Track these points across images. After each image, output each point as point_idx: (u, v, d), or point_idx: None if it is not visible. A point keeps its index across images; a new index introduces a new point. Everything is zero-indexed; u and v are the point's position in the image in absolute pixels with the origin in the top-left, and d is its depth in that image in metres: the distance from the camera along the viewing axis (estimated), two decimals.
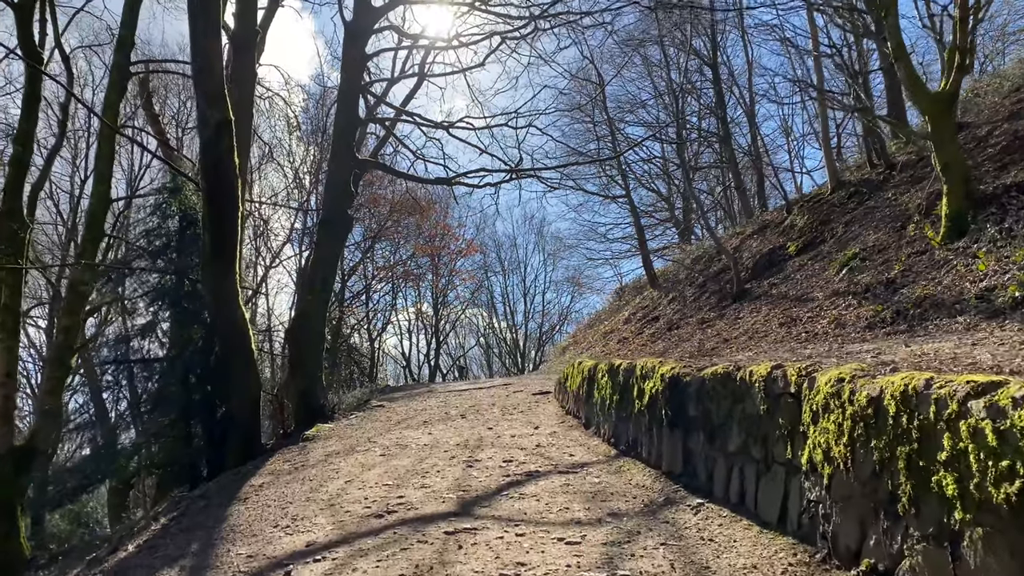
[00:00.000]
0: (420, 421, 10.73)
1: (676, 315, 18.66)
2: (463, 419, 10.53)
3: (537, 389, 14.03)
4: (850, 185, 17.72)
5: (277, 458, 9.23)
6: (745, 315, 14.64)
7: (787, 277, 15.58)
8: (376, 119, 15.37)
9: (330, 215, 13.26)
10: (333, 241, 13.22)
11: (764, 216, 21.73)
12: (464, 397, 14.20)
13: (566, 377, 10.47)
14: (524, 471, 6.49)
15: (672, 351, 14.91)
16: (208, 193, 10.00)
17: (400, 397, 16.78)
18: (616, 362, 7.35)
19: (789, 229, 18.23)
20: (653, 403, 6.01)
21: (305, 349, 12.61)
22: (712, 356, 12.60)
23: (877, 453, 3.22)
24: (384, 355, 41.57)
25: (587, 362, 9.00)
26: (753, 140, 25.87)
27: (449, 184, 15.10)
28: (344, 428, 10.82)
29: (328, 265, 13.14)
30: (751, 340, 12.30)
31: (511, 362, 43.24)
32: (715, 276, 19.23)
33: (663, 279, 24.34)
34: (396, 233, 34.19)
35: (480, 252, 40.90)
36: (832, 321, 11.19)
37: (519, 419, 10.00)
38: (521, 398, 12.64)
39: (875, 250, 13.28)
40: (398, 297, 39.11)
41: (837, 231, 15.85)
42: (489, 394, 14.35)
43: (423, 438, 9.05)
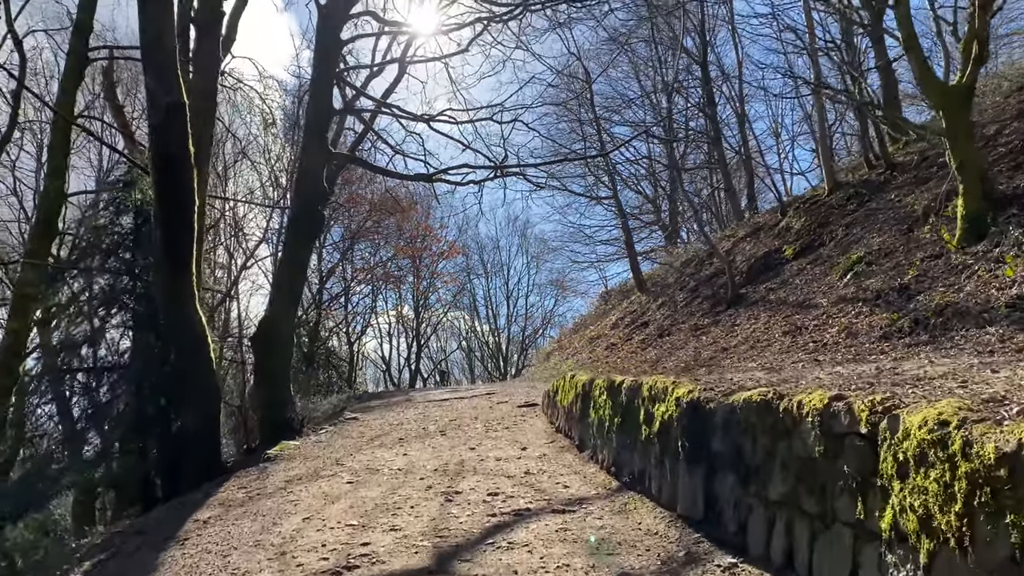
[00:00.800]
0: (395, 438, 9.70)
1: (667, 321, 17.77)
2: (442, 436, 9.52)
3: (523, 400, 13.03)
4: (848, 186, 16.95)
5: (232, 483, 8.16)
6: (743, 322, 13.77)
7: (785, 282, 14.75)
8: (353, 110, 14.31)
9: (300, 212, 12.20)
10: (303, 240, 12.15)
11: (756, 218, 20.93)
12: (445, 408, 13.18)
13: (556, 390, 9.50)
14: (512, 508, 5.50)
15: (666, 360, 13.99)
16: (159, 184, 8.92)
17: (376, 406, 15.72)
18: (617, 378, 6.39)
19: (784, 232, 17.42)
20: (665, 431, 5.05)
21: (272, 357, 11.52)
22: (711, 366, 11.69)
23: (1018, 533, 2.28)
24: (364, 359, 40.43)
25: (581, 376, 8.03)
26: (743, 140, 25.09)
27: (430, 181, 14.09)
28: (312, 446, 9.76)
29: (298, 266, 12.07)
30: (752, 350, 11.41)
31: (493, 366, 42.24)
32: (707, 280, 18.37)
33: (651, 283, 23.47)
34: (376, 234, 33.09)
35: (462, 254, 39.92)
36: (842, 330, 10.32)
37: (504, 437, 9.01)
38: (506, 411, 11.65)
39: (881, 254, 12.46)
40: (378, 300, 37.99)
41: (837, 234, 15.05)
42: (471, 405, 13.34)
43: (397, 460, 8.03)
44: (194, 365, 9.91)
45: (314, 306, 33.42)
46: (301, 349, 32.86)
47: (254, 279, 40.61)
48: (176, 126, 8.56)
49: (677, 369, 12.49)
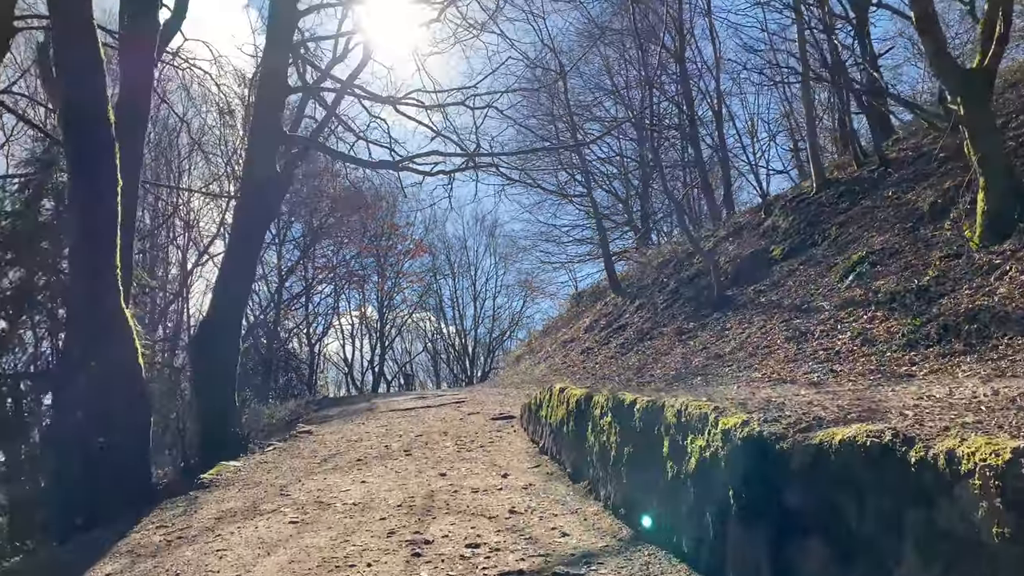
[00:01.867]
0: (353, 459, 8.28)
1: (647, 324, 16.61)
2: (408, 457, 8.13)
3: (497, 411, 11.71)
4: (838, 184, 16.00)
5: (153, 519, 6.66)
6: (733, 326, 12.64)
7: (776, 284, 13.68)
8: (310, 88, 12.81)
9: (249, 199, 10.71)
10: (250, 231, 10.65)
11: (737, 218, 19.92)
12: (410, 420, 11.79)
13: (539, 404, 8.20)
14: (499, 571, 4.17)
15: (652, 367, 12.79)
16: (72, 158, 7.41)
17: (335, 416, 14.24)
18: (627, 397, 5.10)
19: (771, 231, 16.40)
20: (706, 473, 3.78)
21: (213, 364, 10.00)
22: (706, 375, 10.49)
23: None
24: (325, 361, 38.65)
25: (573, 390, 6.72)
26: (720, 138, 24.17)
27: (396, 169, 12.68)
28: (255, 467, 8.29)
29: (245, 259, 10.56)
30: (753, 357, 10.25)
31: (459, 369, 40.78)
32: (689, 281, 17.26)
33: (625, 284, 22.33)
34: (339, 231, 31.42)
35: (429, 253, 38.37)
36: (856, 336, 9.20)
37: (480, 459, 7.67)
38: (479, 424, 10.32)
39: (886, 254, 11.43)
40: (341, 300, 36.27)
41: (830, 233, 14.04)
42: (439, 416, 11.98)
43: (354, 490, 6.63)
44: (119, 372, 8.38)
45: (273, 306, 31.62)
46: (259, 351, 31.09)
47: (210, 277, 38.44)
48: (91, 86, 7.06)
49: (667, 377, 11.29)
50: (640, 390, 10.66)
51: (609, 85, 28.67)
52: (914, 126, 17.65)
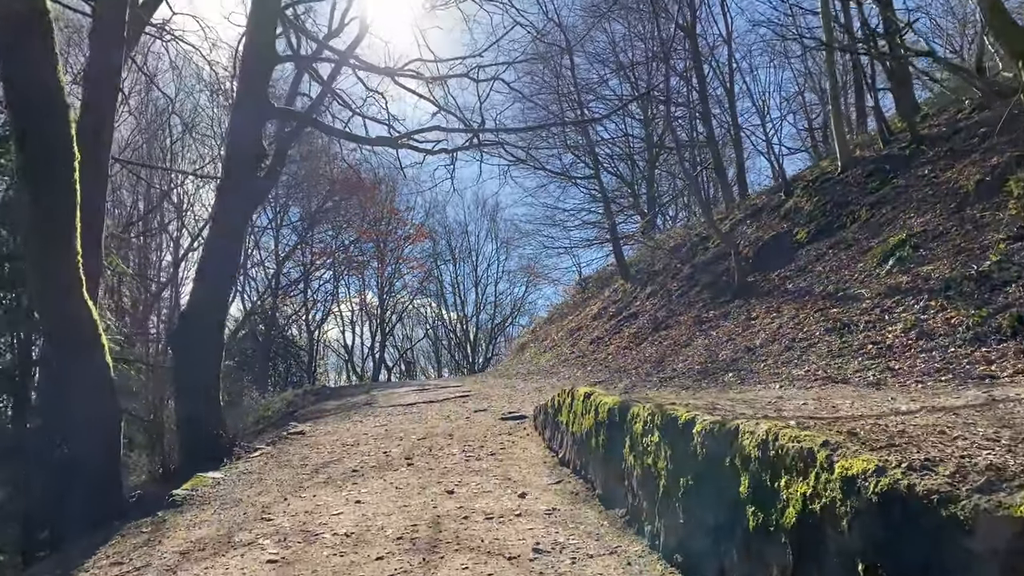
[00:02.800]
0: (347, 469, 7.25)
1: (661, 312, 15.56)
2: (409, 467, 7.11)
3: (506, 408, 10.69)
4: (865, 162, 14.92)
5: (110, 550, 5.62)
6: (760, 315, 11.60)
7: (804, 269, 12.64)
8: (302, 58, 11.64)
9: (231, 179, 9.61)
10: (234, 214, 9.55)
11: (753, 200, 18.81)
12: (412, 418, 10.77)
13: (556, 407, 7.17)
14: None
15: (672, 359, 11.74)
16: (17, 130, 6.34)
17: (331, 411, 13.22)
18: (680, 412, 4.05)
19: (793, 213, 15.32)
20: (816, 531, 2.75)
21: (192, 360, 8.96)
22: (739, 371, 9.44)
23: None
24: (325, 348, 37.67)
25: (602, 396, 5.66)
26: (733, 115, 23.01)
27: (395, 146, 11.56)
28: (236, 480, 7.26)
29: (227, 246, 9.47)
30: (789, 351, 9.20)
31: (461, 355, 39.83)
32: (705, 267, 16.18)
33: (635, 270, 21.27)
34: (337, 215, 30.30)
35: (430, 238, 37.25)
36: (909, 328, 8.17)
37: (492, 471, 6.65)
38: (487, 425, 9.30)
39: (929, 237, 10.38)
40: (340, 286, 35.22)
41: (860, 215, 12.98)
42: (443, 413, 10.95)
43: (347, 513, 5.61)
44: (82, 373, 7.35)
45: (270, 292, 30.55)
46: (257, 338, 30.06)
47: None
48: (35, 43, 5.96)
49: (692, 372, 10.25)
50: (662, 387, 9.58)
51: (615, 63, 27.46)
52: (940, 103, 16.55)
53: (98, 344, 7.48)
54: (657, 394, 6.31)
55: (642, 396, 5.55)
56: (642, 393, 9.30)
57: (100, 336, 7.51)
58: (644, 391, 9.97)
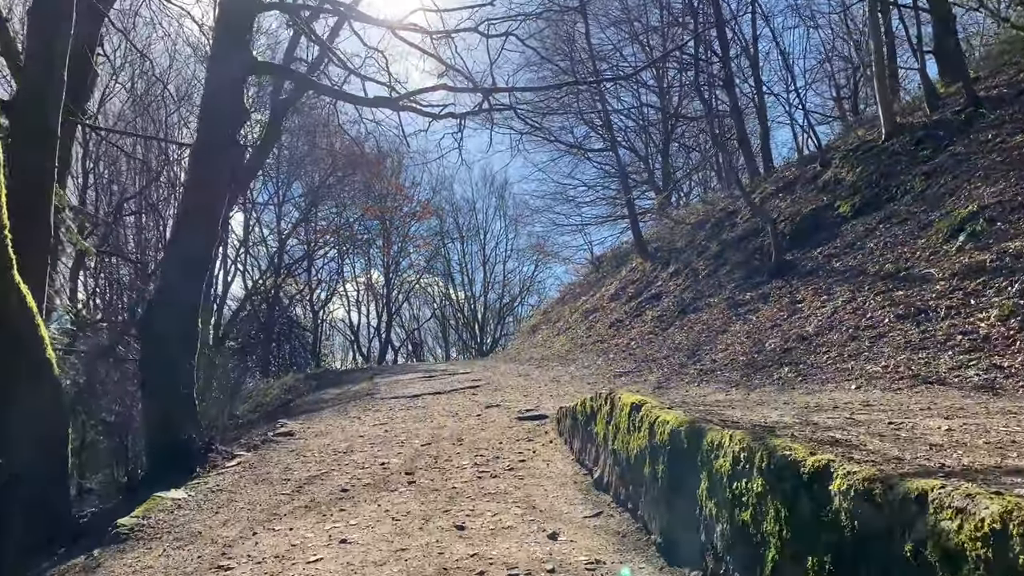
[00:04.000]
0: (336, 488, 5.93)
1: (688, 293, 14.14)
2: (410, 486, 5.78)
3: (522, 404, 9.35)
4: (913, 129, 13.40)
5: None
6: (807, 297, 10.19)
7: (852, 246, 11.20)
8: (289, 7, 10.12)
9: (207, 142, 8.22)
10: (210, 181, 8.16)
11: (782, 172, 17.27)
12: (415, 414, 9.44)
13: (588, 414, 5.80)
14: None
15: (709, 349, 10.32)
16: None
17: (329, 404, 11.93)
18: (798, 451, 2.67)
19: (832, 185, 13.82)
20: None
21: (163, 351, 7.63)
22: (796, 365, 7.98)
23: None
24: (331, 328, 36.45)
25: (661, 412, 4.23)
26: (757, 83, 21.35)
27: (396, 108, 10.09)
28: (200, 504, 5.92)
29: (201, 220, 8.08)
30: (855, 341, 7.77)
31: (469, 335, 38.54)
32: (735, 244, 14.72)
33: (653, 248, 19.81)
34: (341, 192, 28.86)
35: (436, 216, 35.77)
36: (1007, 315, 6.78)
37: (511, 495, 5.31)
38: (502, 425, 7.95)
39: (1008, 208, 8.96)
40: (345, 264, 33.87)
41: (913, 186, 11.52)
42: (451, 409, 9.62)
43: (327, 561, 4.27)
44: (15, 373, 6.05)
45: (272, 270, 29.21)
46: (258, 319, 28.80)
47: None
48: None
49: (736, 365, 8.82)
50: (703, 383, 8.11)
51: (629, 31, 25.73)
52: (991, 65, 14.98)
53: (35, 339, 6.16)
54: (716, 402, 4.91)
55: (716, 415, 4.15)
56: (681, 392, 7.91)
57: (37, 328, 6.18)
58: (682, 386, 8.59)
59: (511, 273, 39.39)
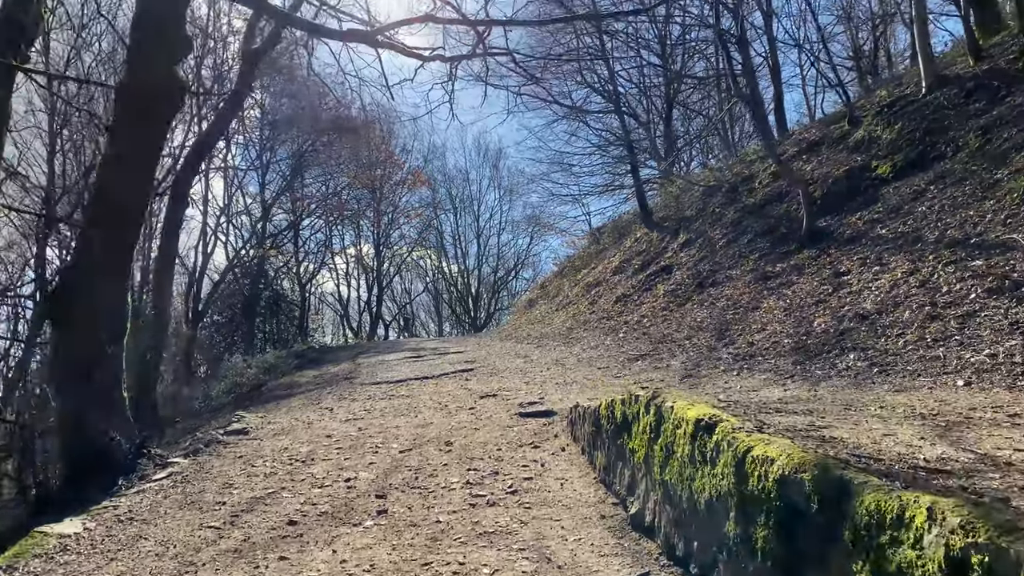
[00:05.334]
0: (282, 521, 4.38)
1: (704, 265, 12.58)
2: (380, 517, 4.25)
3: (523, 395, 7.82)
4: (961, 80, 11.82)
5: None
6: (852, 268, 8.62)
7: (898, 210, 9.66)
8: None
9: (138, 74, 6.56)
10: (142, 124, 6.52)
11: (804, 134, 15.63)
12: (398, 405, 7.90)
13: (617, 421, 4.27)
14: None
15: (740, 328, 8.75)
16: None
17: (303, 388, 10.40)
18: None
19: (867, 144, 12.22)
20: None
21: (80, 333, 6.06)
22: (864, 351, 6.38)
23: None
24: (320, 302, 34.83)
25: (758, 444, 2.61)
26: (770, 44, 19.62)
27: (373, 44, 8.39)
28: (93, 546, 4.28)
29: (132, 171, 6.43)
30: (936, 321, 6.18)
31: (462, 310, 36.97)
32: (756, 211, 13.13)
33: (659, 217, 18.23)
34: (328, 159, 27.01)
35: (429, 186, 33.96)
36: None
37: (515, 533, 3.79)
38: (500, 424, 6.42)
39: None
40: (333, 236, 32.14)
41: (967, 142, 9.98)
42: (439, 399, 8.07)
43: None
44: None
45: (256, 240, 27.44)
46: (242, 292, 27.13)
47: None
48: None
49: (782, 351, 7.24)
50: (746, 373, 6.69)
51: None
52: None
53: None
54: (783, 404, 3.33)
55: (829, 440, 2.59)
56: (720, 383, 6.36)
57: None
58: (718, 375, 7.05)
59: (506, 246, 37.77)
